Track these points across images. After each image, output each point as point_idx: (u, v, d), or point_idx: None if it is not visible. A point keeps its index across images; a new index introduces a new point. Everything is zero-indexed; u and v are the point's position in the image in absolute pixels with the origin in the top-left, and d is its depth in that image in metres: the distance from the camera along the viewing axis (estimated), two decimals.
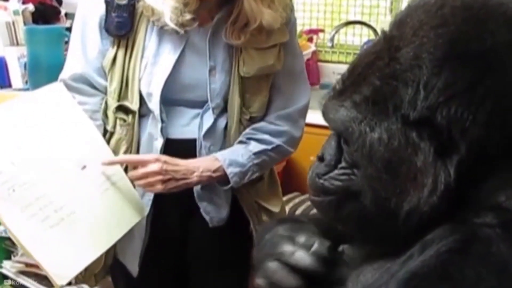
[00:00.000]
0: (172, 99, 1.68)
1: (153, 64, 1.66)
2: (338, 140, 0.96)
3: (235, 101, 1.70)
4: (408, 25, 0.90)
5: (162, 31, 1.65)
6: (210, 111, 1.70)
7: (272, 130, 1.76)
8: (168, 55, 1.66)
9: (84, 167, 1.61)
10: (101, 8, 1.66)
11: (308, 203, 2.72)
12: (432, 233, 0.84)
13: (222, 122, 1.72)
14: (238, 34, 1.65)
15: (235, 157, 1.69)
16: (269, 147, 1.75)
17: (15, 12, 3.22)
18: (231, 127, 1.73)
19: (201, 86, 1.68)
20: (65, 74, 1.73)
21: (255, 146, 1.72)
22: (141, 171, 1.62)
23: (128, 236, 1.70)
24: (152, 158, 1.62)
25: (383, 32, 0.95)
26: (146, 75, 1.66)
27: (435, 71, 0.84)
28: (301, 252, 0.98)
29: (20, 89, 3.09)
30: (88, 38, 1.70)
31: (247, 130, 1.74)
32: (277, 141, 1.76)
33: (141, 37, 1.66)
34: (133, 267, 1.78)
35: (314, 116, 2.77)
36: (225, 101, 1.71)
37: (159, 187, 1.62)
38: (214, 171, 1.67)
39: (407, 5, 0.95)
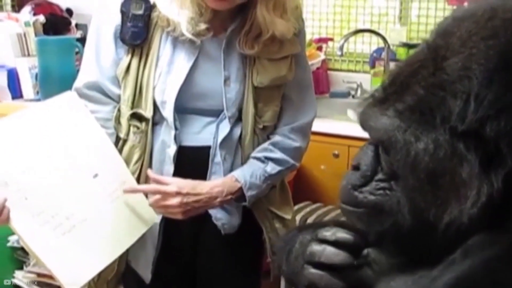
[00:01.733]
0: (185, 107, 1.69)
1: (167, 73, 1.68)
2: (376, 150, 0.95)
3: (249, 110, 1.72)
4: (455, 35, 0.88)
5: (176, 40, 1.67)
6: (226, 120, 1.71)
7: (288, 148, 1.78)
8: (182, 64, 1.67)
9: (96, 175, 1.61)
10: (117, 18, 1.68)
11: (319, 212, 2.72)
12: (472, 240, 0.84)
13: (237, 131, 1.74)
14: (251, 44, 1.67)
15: (253, 180, 1.72)
16: (284, 167, 1.79)
17: (26, 24, 3.25)
18: (246, 136, 1.74)
19: (214, 95, 1.70)
20: (79, 82, 1.74)
21: (272, 168, 1.75)
22: (161, 203, 1.64)
23: (141, 243, 1.71)
24: (173, 191, 1.63)
25: (426, 41, 0.93)
26: (160, 83, 1.68)
27: (486, 83, 0.82)
28: (329, 248, 0.99)
29: (31, 100, 3.11)
30: (103, 47, 1.71)
31: (266, 145, 1.77)
32: (291, 161, 1.79)
33: (156, 46, 1.68)
34: (146, 274, 1.79)
35: (324, 125, 2.80)
36: (239, 110, 1.73)
37: (179, 216, 1.65)
38: (234, 193, 1.70)
39: (451, 16, 0.94)
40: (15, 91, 3.19)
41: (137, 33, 1.66)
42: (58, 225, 1.50)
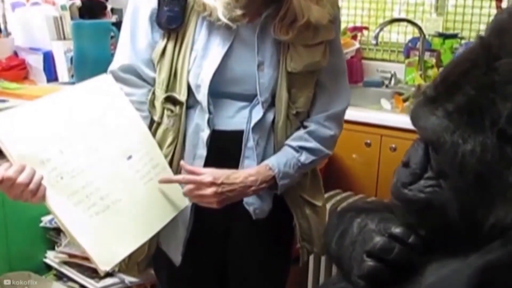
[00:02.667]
0: (219, 91, 1.70)
1: (202, 57, 1.68)
2: (426, 148, 0.94)
3: (283, 96, 1.72)
4: (509, 33, 0.86)
5: (212, 26, 1.68)
6: (260, 105, 1.71)
7: (323, 136, 1.78)
8: (217, 49, 1.68)
9: (130, 157, 1.63)
10: (153, 2, 1.69)
11: (350, 200, 2.70)
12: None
13: (269, 116, 1.74)
14: (286, 30, 1.66)
15: (286, 170, 1.72)
16: (318, 157, 1.79)
17: (63, 7, 3.28)
18: (279, 121, 1.74)
19: (248, 80, 1.70)
20: (115, 65, 1.75)
21: (306, 158, 1.76)
22: (196, 192, 1.65)
23: (172, 225, 1.72)
24: (207, 181, 1.63)
25: (480, 37, 0.91)
26: (195, 67, 1.69)
27: None
28: (400, 248, 0.98)
29: (66, 83, 3.14)
30: (139, 30, 1.72)
31: (301, 134, 1.77)
32: (326, 150, 1.80)
33: (191, 30, 1.69)
34: (176, 256, 1.80)
35: (357, 114, 2.79)
36: (273, 96, 1.73)
37: (214, 205, 1.66)
38: (268, 181, 1.71)
39: (507, 11, 0.92)
40: (50, 74, 3.22)
41: (173, 17, 1.67)
42: (92, 205, 1.52)
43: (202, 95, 1.68)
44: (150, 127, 1.73)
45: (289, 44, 1.69)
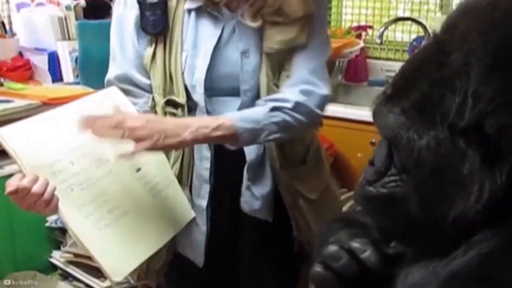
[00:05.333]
0: (216, 88, 1.69)
1: (193, 56, 1.68)
2: (389, 146, 0.95)
3: (263, 80, 1.69)
4: (458, 29, 0.87)
5: (199, 22, 1.68)
6: (246, 95, 1.69)
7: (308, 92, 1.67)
8: (206, 45, 1.67)
9: (139, 169, 1.64)
10: (135, 8, 1.69)
11: None
12: (477, 236, 0.84)
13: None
14: (253, 15, 1.64)
15: (246, 114, 1.62)
16: (289, 104, 1.64)
17: (67, 8, 3.29)
18: None
19: (237, 72, 1.69)
20: (110, 75, 1.75)
21: (271, 104, 1.63)
22: (124, 125, 1.50)
23: (189, 229, 1.72)
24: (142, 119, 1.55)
25: (434, 34, 0.93)
26: (188, 67, 1.68)
27: (484, 79, 0.81)
28: (347, 260, 1.00)
29: (71, 83, 3.15)
30: (126, 39, 1.72)
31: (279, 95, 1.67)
32: (296, 98, 1.65)
33: (178, 31, 1.68)
34: (199, 258, 1.79)
35: (362, 113, 2.78)
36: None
37: (146, 144, 1.51)
38: (215, 129, 1.55)
39: (459, 6, 0.93)
40: (56, 74, 3.23)
41: (157, 21, 1.67)
42: (101, 217, 1.52)
43: (198, 95, 1.67)
44: None
45: (267, 24, 1.66)
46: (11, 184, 1.41)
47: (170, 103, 1.71)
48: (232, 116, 1.58)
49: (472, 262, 0.81)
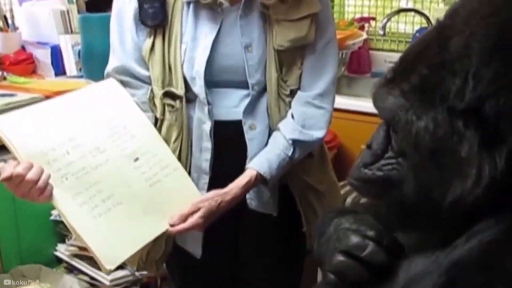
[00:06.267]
0: (215, 81, 1.70)
1: (193, 49, 1.69)
2: (387, 129, 0.96)
3: (272, 75, 1.70)
4: (460, 14, 0.89)
5: (198, 15, 1.68)
6: (251, 89, 1.71)
7: (316, 117, 1.76)
8: (205, 38, 1.68)
9: (136, 159, 1.64)
10: (134, 1, 1.70)
11: None
12: (479, 224, 0.84)
13: (264, 100, 1.73)
14: None
15: (279, 171, 1.72)
16: (311, 141, 1.76)
17: (70, 1, 3.29)
18: (271, 102, 1.72)
19: (240, 66, 1.69)
20: (109, 67, 1.77)
21: (299, 155, 1.75)
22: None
23: None
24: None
25: (437, 21, 0.94)
26: (187, 60, 1.69)
27: (485, 61, 0.82)
28: (374, 246, 0.98)
29: (74, 77, 3.15)
30: (125, 32, 1.73)
31: (294, 124, 1.73)
32: (318, 134, 1.77)
33: (178, 23, 1.69)
34: (196, 250, 1.80)
35: (366, 105, 2.77)
36: (266, 77, 1.72)
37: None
38: (257, 184, 1.71)
39: None
40: (58, 67, 3.23)
41: (155, 13, 1.68)
42: (94, 206, 1.53)
43: (198, 87, 1.68)
44: (154, 125, 1.74)
45: (274, 21, 1.67)
46: (6, 170, 1.42)
47: (168, 94, 1.72)
48: (268, 175, 1.69)
49: (474, 251, 0.81)
